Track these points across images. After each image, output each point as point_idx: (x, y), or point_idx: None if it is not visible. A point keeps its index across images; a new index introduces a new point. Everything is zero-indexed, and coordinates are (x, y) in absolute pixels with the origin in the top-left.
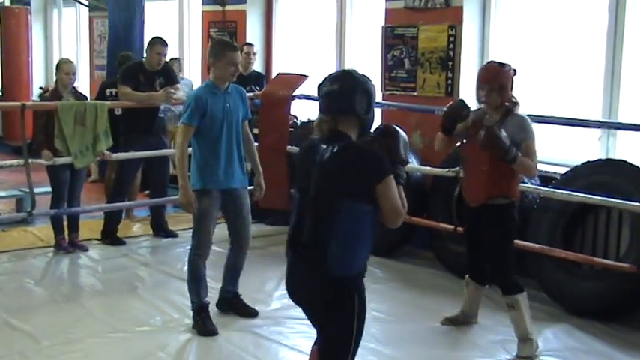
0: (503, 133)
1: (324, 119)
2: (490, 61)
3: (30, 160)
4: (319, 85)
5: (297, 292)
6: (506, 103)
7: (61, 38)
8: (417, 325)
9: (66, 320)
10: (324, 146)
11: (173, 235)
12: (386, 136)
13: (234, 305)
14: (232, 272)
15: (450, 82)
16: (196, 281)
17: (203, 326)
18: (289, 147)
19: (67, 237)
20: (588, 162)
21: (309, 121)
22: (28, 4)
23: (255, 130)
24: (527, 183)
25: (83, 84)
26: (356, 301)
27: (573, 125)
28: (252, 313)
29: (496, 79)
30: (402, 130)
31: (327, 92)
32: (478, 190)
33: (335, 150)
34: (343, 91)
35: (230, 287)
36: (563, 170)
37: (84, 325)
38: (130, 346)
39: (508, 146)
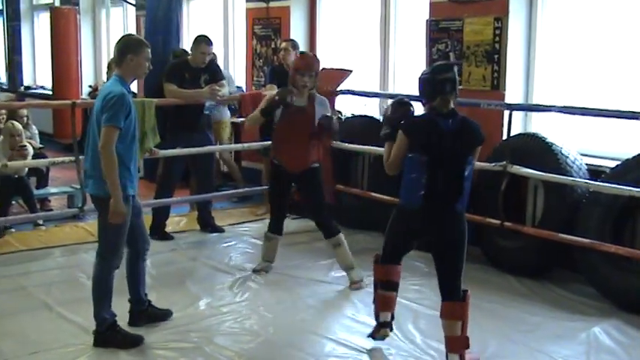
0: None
1: (449, 98)
2: (306, 52)
3: (80, 157)
4: (436, 73)
5: (430, 232)
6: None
7: (109, 37)
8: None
9: (117, 313)
10: (444, 119)
11: (220, 230)
12: None
13: (149, 314)
14: (139, 277)
15: (496, 75)
16: (110, 295)
17: (126, 338)
18: (334, 142)
19: None
20: (639, 155)
21: (354, 116)
22: (77, 4)
23: None
24: (575, 177)
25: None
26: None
27: (624, 118)
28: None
29: (314, 67)
30: None
31: (448, 79)
32: (302, 159)
33: (458, 120)
34: (455, 77)
35: (144, 294)
36: (613, 164)
37: None
38: (179, 339)
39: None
